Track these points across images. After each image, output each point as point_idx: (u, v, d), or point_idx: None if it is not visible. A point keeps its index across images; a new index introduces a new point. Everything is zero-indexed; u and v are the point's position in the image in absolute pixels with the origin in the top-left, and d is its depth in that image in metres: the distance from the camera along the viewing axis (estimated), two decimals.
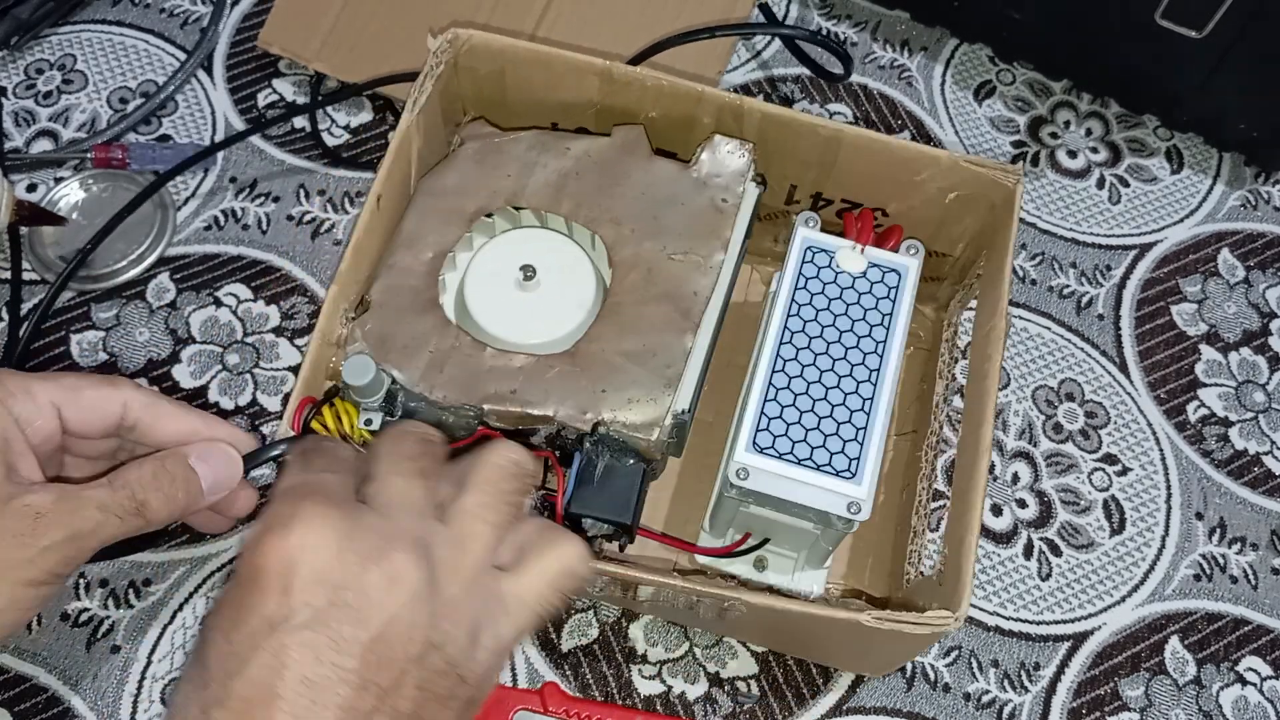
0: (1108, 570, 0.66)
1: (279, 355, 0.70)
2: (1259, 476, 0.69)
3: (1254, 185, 0.79)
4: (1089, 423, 0.70)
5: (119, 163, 0.74)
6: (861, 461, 0.53)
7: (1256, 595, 0.66)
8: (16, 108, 0.77)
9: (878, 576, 0.63)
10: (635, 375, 0.55)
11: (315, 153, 0.76)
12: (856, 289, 0.58)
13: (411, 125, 0.60)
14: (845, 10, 0.84)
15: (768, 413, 0.55)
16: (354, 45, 0.75)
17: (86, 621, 0.62)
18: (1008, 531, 0.67)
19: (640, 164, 0.61)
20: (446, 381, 0.55)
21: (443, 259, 0.59)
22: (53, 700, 0.60)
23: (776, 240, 0.70)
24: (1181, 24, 0.69)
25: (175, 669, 0.61)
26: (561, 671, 0.62)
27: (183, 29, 0.81)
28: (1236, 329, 0.74)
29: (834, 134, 0.60)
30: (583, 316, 0.58)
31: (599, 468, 0.54)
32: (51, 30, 0.81)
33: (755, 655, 0.63)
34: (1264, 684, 0.63)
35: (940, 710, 0.62)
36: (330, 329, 0.56)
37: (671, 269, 0.58)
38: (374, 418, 0.55)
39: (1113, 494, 0.68)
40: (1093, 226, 0.77)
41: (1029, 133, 0.80)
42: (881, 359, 0.56)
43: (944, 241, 0.64)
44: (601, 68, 0.62)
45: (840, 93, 0.81)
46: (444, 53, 0.62)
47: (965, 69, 0.82)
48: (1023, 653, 0.64)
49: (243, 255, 0.73)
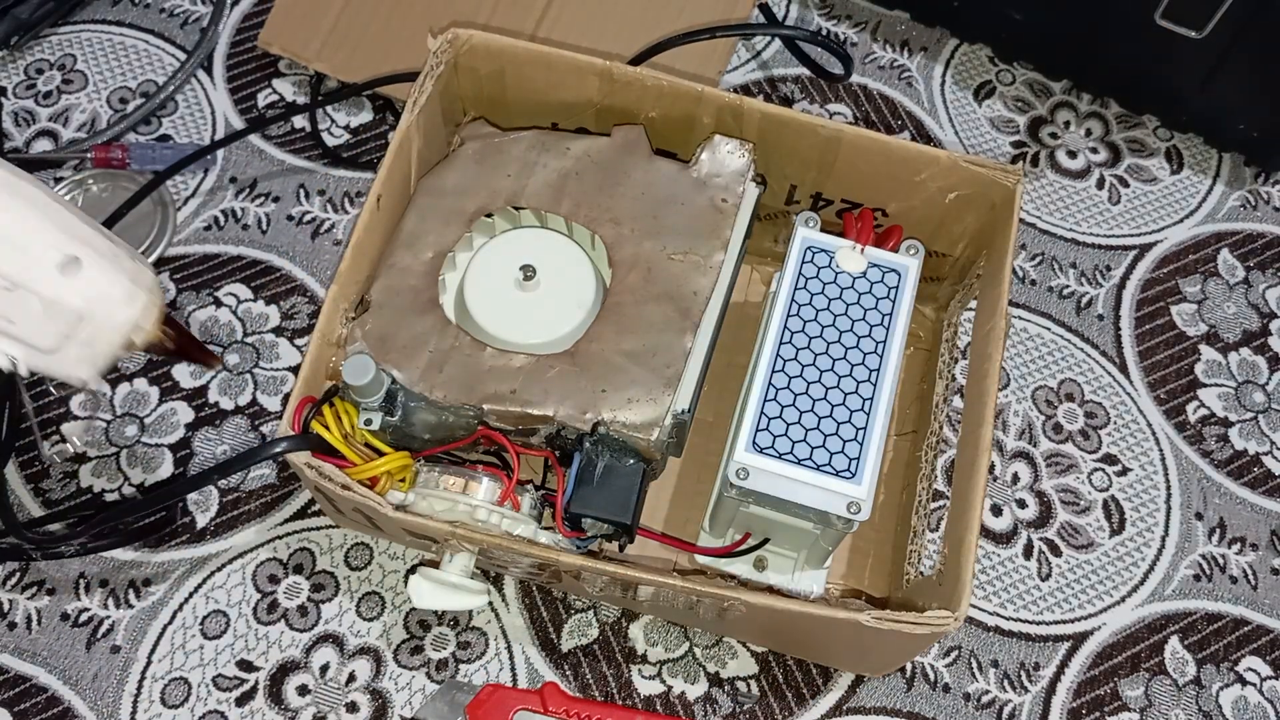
0: (1107, 570, 0.66)
1: (279, 355, 0.70)
2: (1259, 476, 0.69)
3: (1254, 185, 0.79)
4: (1089, 423, 0.70)
5: (119, 163, 0.74)
6: (861, 461, 0.53)
7: (1256, 595, 0.66)
8: (16, 108, 0.77)
9: (878, 576, 0.63)
10: (635, 375, 0.55)
11: (315, 153, 0.76)
12: (856, 289, 0.58)
13: (411, 125, 0.60)
14: (845, 10, 0.84)
15: (768, 413, 0.55)
16: (354, 45, 0.75)
17: (86, 621, 0.62)
18: (1008, 531, 0.67)
19: (640, 164, 0.61)
20: (446, 381, 0.55)
21: (443, 259, 0.59)
22: (53, 700, 0.60)
23: (776, 240, 0.70)
24: (1181, 24, 0.69)
25: (175, 669, 0.61)
26: (561, 671, 0.62)
27: (183, 29, 0.81)
28: (1236, 329, 0.74)
29: (834, 134, 0.60)
30: (582, 316, 0.58)
31: (599, 468, 0.54)
32: (51, 30, 0.80)
33: (755, 655, 0.63)
34: (1264, 684, 0.63)
35: (940, 710, 0.62)
36: (330, 329, 0.56)
37: (671, 269, 0.58)
38: (374, 417, 0.55)
39: (1113, 494, 0.68)
40: (1093, 227, 0.77)
41: (1029, 133, 0.80)
42: (881, 359, 0.56)
43: (944, 241, 0.64)
44: (601, 68, 0.62)
45: (840, 93, 0.81)
46: (444, 53, 0.62)
47: (965, 69, 0.82)
48: (1023, 653, 0.64)
49: (243, 255, 0.73)
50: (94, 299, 0.44)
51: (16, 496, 0.64)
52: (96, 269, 0.44)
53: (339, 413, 0.54)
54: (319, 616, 0.62)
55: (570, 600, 0.63)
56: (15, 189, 0.42)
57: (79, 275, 0.43)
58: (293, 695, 0.60)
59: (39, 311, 0.43)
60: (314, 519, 0.65)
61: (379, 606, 0.63)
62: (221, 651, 0.61)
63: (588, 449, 0.55)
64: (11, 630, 0.61)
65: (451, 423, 0.56)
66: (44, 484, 0.65)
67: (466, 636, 0.62)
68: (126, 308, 0.45)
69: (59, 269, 0.43)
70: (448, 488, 0.55)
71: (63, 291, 0.43)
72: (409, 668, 0.61)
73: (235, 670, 0.61)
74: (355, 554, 0.64)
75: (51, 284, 0.43)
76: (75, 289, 0.43)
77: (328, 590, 0.63)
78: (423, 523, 0.53)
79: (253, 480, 0.66)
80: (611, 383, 0.55)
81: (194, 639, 0.62)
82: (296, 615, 0.62)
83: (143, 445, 0.66)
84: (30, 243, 0.42)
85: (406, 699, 0.61)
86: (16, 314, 0.43)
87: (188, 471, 0.66)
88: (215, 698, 0.60)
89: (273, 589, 0.63)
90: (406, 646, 0.62)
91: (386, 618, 0.62)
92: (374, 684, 0.61)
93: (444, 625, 0.62)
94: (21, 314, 0.43)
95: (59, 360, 0.45)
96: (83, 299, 0.44)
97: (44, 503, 0.65)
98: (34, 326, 0.44)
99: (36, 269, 0.42)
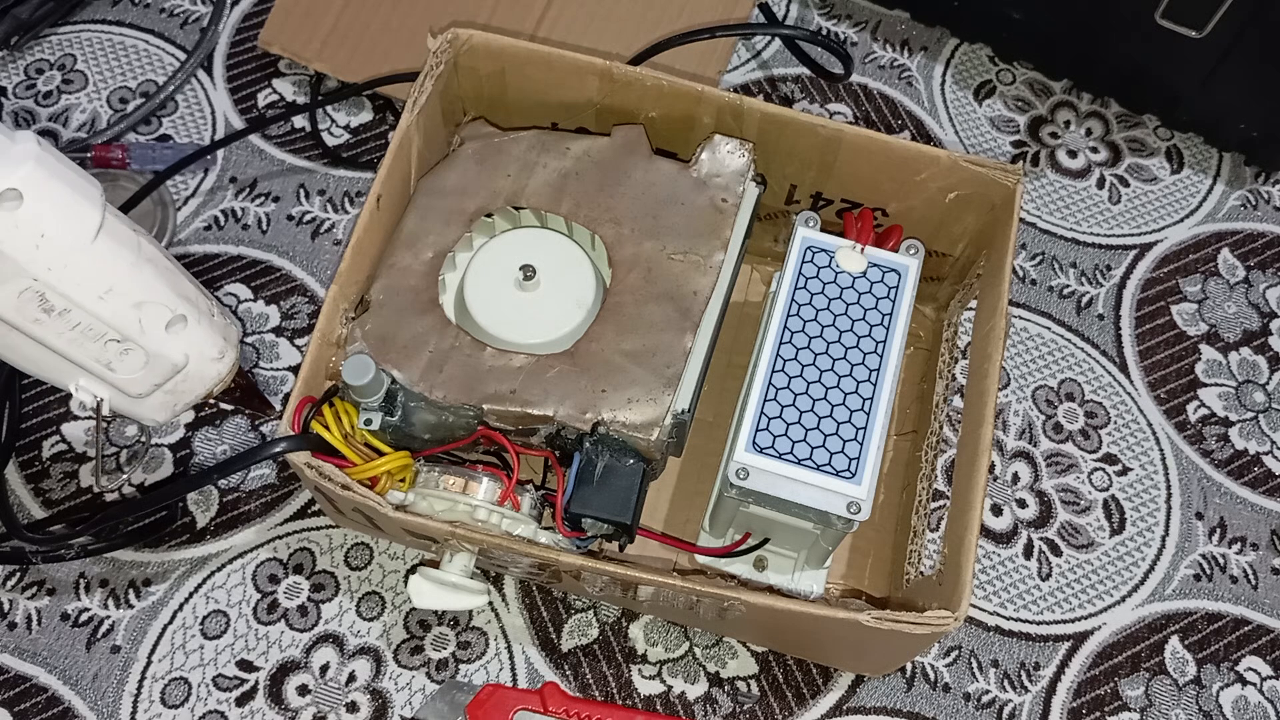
0: (1108, 570, 0.66)
1: (279, 355, 0.70)
2: (1259, 476, 0.69)
3: (1254, 185, 0.79)
4: (1089, 423, 0.70)
5: (119, 163, 0.74)
6: (861, 461, 0.53)
7: (1256, 595, 0.66)
8: (16, 108, 0.77)
9: (878, 576, 0.63)
10: (635, 375, 0.55)
11: (315, 153, 0.76)
12: (856, 289, 0.58)
13: (411, 125, 0.60)
14: (845, 10, 0.84)
15: (768, 412, 0.55)
16: (354, 45, 0.75)
17: (86, 621, 0.62)
18: (1008, 531, 0.67)
19: (640, 164, 0.61)
20: (446, 381, 0.55)
21: (443, 259, 0.59)
22: (53, 700, 0.60)
23: (776, 240, 0.70)
24: (1181, 24, 0.69)
25: (175, 669, 0.61)
26: (561, 671, 0.62)
27: (183, 29, 0.81)
28: (1236, 329, 0.74)
29: (834, 134, 0.60)
30: (582, 316, 0.58)
31: (599, 467, 0.54)
32: (51, 30, 0.81)
33: (755, 655, 0.63)
34: (1264, 684, 0.63)
35: (940, 710, 0.62)
36: (330, 329, 0.56)
37: (671, 269, 0.58)
38: (374, 417, 0.55)
39: (1113, 494, 0.68)
40: (1093, 226, 0.77)
41: (1029, 133, 0.80)
42: (881, 359, 0.56)
43: (944, 241, 0.64)
44: (601, 68, 0.62)
45: (840, 93, 0.81)
46: (444, 52, 0.62)
47: (965, 69, 0.82)
48: (1023, 653, 0.64)
49: (243, 255, 0.73)
50: (192, 355, 0.46)
51: (16, 497, 0.64)
52: (198, 327, 0.46)
53: (339, 413, 0.54)
54: (319, 616, 0.62)
55: (570, 600, 0.63)
56: (140, 249, 0.43)
57: (183, 333, 0.45)
58: (293, 695, 0.60)
59: (141, 363, 0.45)
60: (314, 519, 0.65)
61: (379, 606, 0.63)
62: (221, 651, 0.61)
63: (588, 449, 0.55)
64: (11, 630, 0.61)
65: (451, 423, 0.56)
66: (44, 484, 0.65)
67: (466, 636, 0.62)
68: (218, 364, 0.48)
69: (166, 327, 0.44)
70: (448, 488, 0.55)
71: (167, 347, 0.45)
72: (409, 668, 0.61)
73: (235, 670, 0.61)
74: (355, 554, 0.64)
75: (158, 340, 0.44)
76: (177, 345, 0.45)
77: (328, 590, 0.63)
78: (423, 523, 0.53)
79: (253, 480, 0.66)
80: (611, 383, 0.55)
81: (194, 639, 0.62)
82: (296, 615, 0.62)
83: (142, 445, 0.66)
84: (148, 303, 0.43)
85: (406, 699, 0.61)
86: (119, 364, 0.44)
87: (188, 471, 0.66)
88: (215, 698, 0.60)
89: (273, 589, 0.63)
90: (406, 646, 0.62)
91: (386, 618, 0.62)
92: (374, 684, 0.61)
93: (444, 625, 0.62)
94: (124, 364, 0.44)
95: (143, 405, 0.47)
96: (183, 355, 0.46)
97: (44, 503, 0.65)
98: (133, 375, 0.45)
99: (150, 327, 0.44)
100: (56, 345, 0.43)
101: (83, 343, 0.43)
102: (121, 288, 0.43)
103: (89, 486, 0.65)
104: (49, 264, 0.40)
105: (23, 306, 0.41)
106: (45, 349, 0.43)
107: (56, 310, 0.41)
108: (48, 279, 0.41)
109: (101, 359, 0.44)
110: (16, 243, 0.39)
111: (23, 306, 0.41)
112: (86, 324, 0.42)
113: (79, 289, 0.41)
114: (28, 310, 0.41)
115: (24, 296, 0.41)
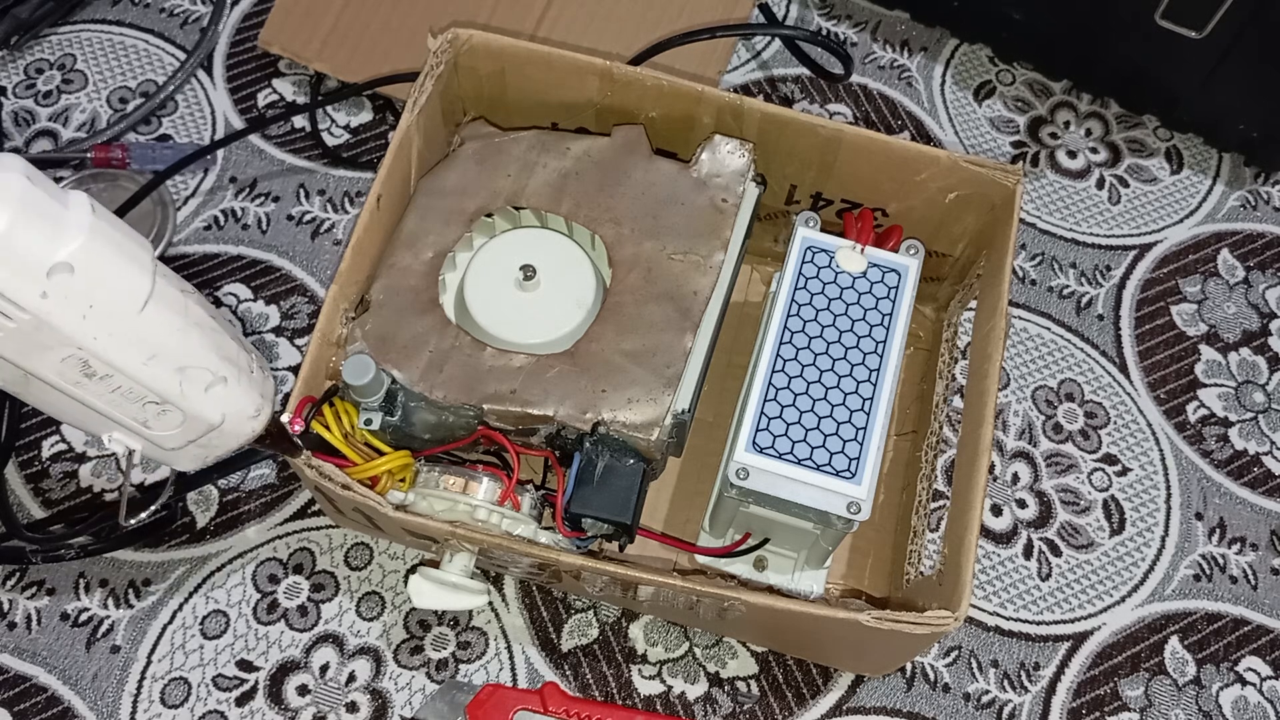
0: (1107, 570, 0.66)
1: (279, 355, 0.70)
2: (1259, 476, 0.69)
3: (1254, 185, 0.79)
4: (1089, 423, 0.70)
5: (119, 162, 0.74)
6: (861, 461, 0.53)
7: (1256, 595, 0.66)
8: (16, 108, 0.77)
9: (878, 576, 0.63)
10: (635, 375, 0.55)
11: (315, 153, 0.76)
12: (856, 289, 0.58)
13: (411, 125, 0.60)
14: (845, 10, 0.84)
15: (768, 412, 0.55)
16: (354, 45, 0.75)
17: (86, 621, 0.62)
18: (1008, 531, 0.67)
19: (640, 164, 0.61)
20: (446, 381, 0.55)
21: (443, 259, 0.59)
22: (53, 700, 0.60)
23: (776, 240, 0.70)
24: (1181, 24, 0.69)
25: (175, 669, 0.61)
26: (561, 671, 0.62)
27: (183, 29, 0.81)
28: (1236, 329, 0.74)
29: (834, 134, 0.60)
30: (583, 316, 0.58)
31: (599, 467, 0.54)
32: (51, 30, 0.80)
33: (755, 655, 0.63)
34: (1264, 684, 0.63)
35: (940, 710, 0.62)
36: (330, 329, 0.56)
37: (671, 269, 0.58)
38: (374, 417, 0.55)
39: (1112, 494, 0.68)
40: (1092, 227, 0.77)
41: (1029, 133, 0.80)
42: (881, 359, 0.56)
43: (944, 241, 0.64)
44: (602, 68, 0.62)
45: (840, 93, 0.81)
46: (444, 52, 0.62)
47: (965, 69, 0.82)
48: (1023, 653, 0.64)
49: (243, 255, 0.73)
50: (229, 415, 0.46)
51: (16, 497, 0.64)
52: (237, 387, 0.45)
53: (339, 412, 0.54)
54: (319, 616, 0.62)
55: (570, 600, 0.63)
56: (188, 313, 0.43)
57: (222, 394, 0.45)
58: (293, 695, 0.60)
59: (178, 423, 0.44)
60: (314, 519, 0.65)
61: (379, 606, 0.63)
62: (221, 651, 0.61)
63: (588, 449, 0.55)
64: (11, 630, 0.61)
65: (451, 423, 0.56)
66: (44, 484, 0.65)
67: (466, 636, 0.62)
68: (253, 421, 0.47)
69: (206, 389, 0.44)
70: (448, 487, 0.55)
71: (205, 409, 0.44)
72: (409, 668, 0.61)
73: (235, 670, 0.61)
74: (355, 554, 0.64)
75: (197, 403, 0.44)
76: (215, 406, 0.45)
77: (328, 590, 0.63)
78: (423, 523, 0.53)
79: (253, 480, 0.66)
80: (611, 383, 0.55)
81: (194, 639, 0.62)
82: (296, 615, 0.62)
83: None
84: (191, 367, 0.43)
85: (406, 699, 0.61)
86: (156, 422, 0.44)
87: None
88: (215, 698, 0.60)
89: (273, 589, 0.63)
90: (406, 646, 0.62)
91: (386, 618, 0.62)
92: (374, 684, 0.61)
93: (444, 625, 0.62)
94: (160, 422, 0.44)
95: (175, 456, 0.46)
96: (220, 415, 0.45)
97: (44, 503, 0.65)
98: (168, 432, 0.45)
99: (190, 391, 0.43)
100: (95, 405, 0.42)
101: (121, 404, 0.42)
102: (166, 354, 0.42)
103: (89, 486, 0.65)
104: (95, 334, 0.40)
105: (65, 371, 0.40)
106: (82, 405, 0.42)
107: (98, 375, 0.41)
108: (93, 348, 0.40)
109: (139, 418, 0.43)
110: (64, 314, 0.38)
111: (65, 371, 0.40)
112: (127, 388, 0.42)
113: (123, 356, 0.41)
114: (69, 374, 0.40)
115: (67, 362, 0.40)
